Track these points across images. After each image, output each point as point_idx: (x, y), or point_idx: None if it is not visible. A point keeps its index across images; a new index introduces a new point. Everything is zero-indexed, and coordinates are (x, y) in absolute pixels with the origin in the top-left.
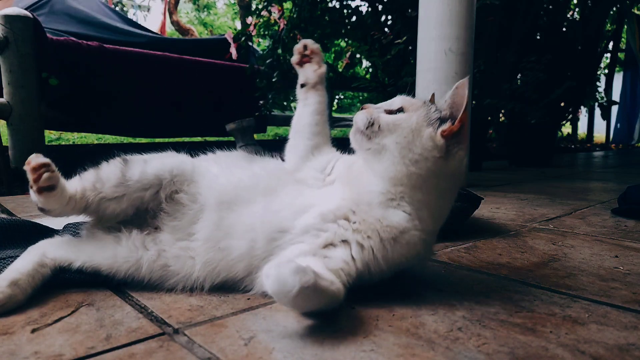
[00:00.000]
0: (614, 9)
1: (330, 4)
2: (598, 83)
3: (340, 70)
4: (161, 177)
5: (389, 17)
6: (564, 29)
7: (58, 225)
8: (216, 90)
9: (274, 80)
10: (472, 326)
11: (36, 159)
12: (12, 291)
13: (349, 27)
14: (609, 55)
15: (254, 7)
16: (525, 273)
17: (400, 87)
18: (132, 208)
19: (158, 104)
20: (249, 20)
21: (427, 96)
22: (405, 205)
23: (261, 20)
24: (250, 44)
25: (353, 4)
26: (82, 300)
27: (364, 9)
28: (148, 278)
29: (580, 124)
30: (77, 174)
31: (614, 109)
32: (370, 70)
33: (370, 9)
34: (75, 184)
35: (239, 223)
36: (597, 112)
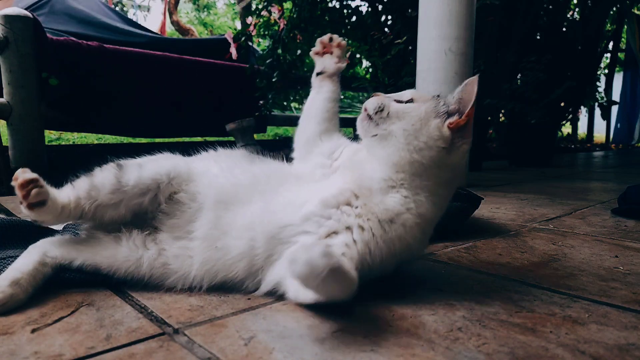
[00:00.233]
0: (614, 9)
1: (330, 4)
2: (598, 83)
3: None
4: (158, 180)
5: (389, 17)
6: (564, 29)
7: (58, 225)
8: (216, 90)
9: (274, 80)
10: (472, 326)
11: (23, 174)
12: (14, 290)
13: (349, 27)
14: (609, 55)
15: (254, 7)
16: (525, 273)
17: (400, 87)
18: (131, 213)
19: (158, 104)
20: (249, 20)
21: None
22: (404, 190)
23: (261, 20)
24: (250, 44)
25: (353, 4)
26: (82, 300)
27: (364, 9)
28: (148, 276)
29: (580, 124)
30: (77, 175)
31: (614, 109)
32: (370, 70)
33: (370, 9)
34: (68, 192)
35: (236, 222)
36: (597, 112)
